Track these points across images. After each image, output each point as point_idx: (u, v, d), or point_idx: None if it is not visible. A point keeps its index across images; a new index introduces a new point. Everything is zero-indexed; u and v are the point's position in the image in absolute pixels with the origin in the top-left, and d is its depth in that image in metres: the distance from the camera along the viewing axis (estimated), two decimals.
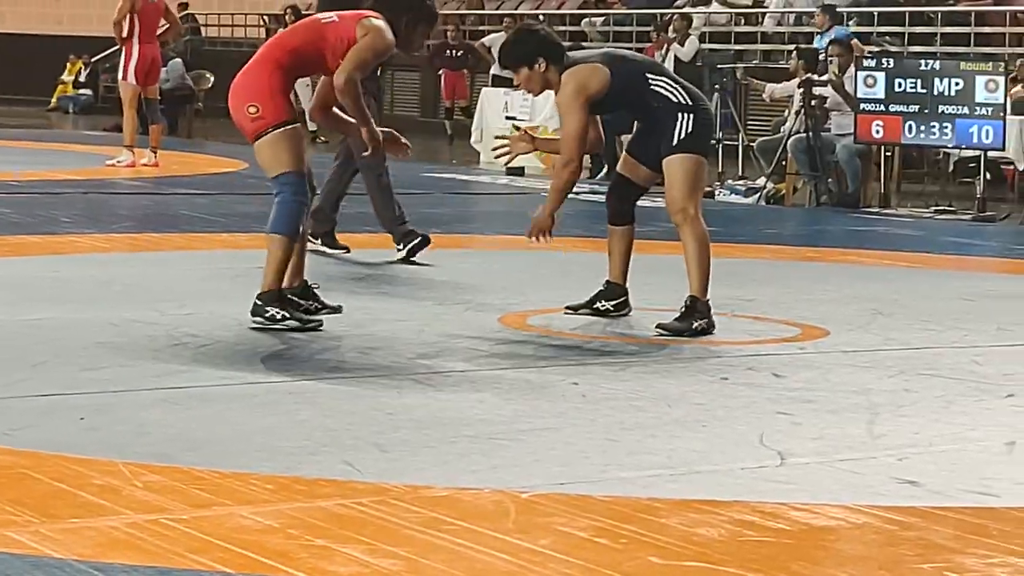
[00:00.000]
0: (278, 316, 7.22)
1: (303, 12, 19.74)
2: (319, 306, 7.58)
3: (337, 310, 7.63)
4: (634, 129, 7.98)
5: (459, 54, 24.84)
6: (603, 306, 7.88)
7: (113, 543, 4.10)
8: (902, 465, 5.19)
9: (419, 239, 10.07)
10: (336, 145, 10.20)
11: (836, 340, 7.55)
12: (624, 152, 7.97)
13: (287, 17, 21.15)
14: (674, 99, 7.70)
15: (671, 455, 5.24)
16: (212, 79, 24.07)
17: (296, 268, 7.52)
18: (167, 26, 17.12)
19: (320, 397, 5.98)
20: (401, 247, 10.04)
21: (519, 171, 17.95)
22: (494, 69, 20.51)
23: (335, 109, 7.63)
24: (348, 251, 10.13)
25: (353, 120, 7.57)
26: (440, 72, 25.09)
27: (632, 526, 4.39)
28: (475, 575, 3.95)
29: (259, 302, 7.27)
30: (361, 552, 4.08)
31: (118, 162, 16.65)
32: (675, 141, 7.64)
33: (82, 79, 30.95)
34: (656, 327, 7.55)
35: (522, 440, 5.38)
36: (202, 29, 31.43)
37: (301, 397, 5.97)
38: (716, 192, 15.62)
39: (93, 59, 30.02)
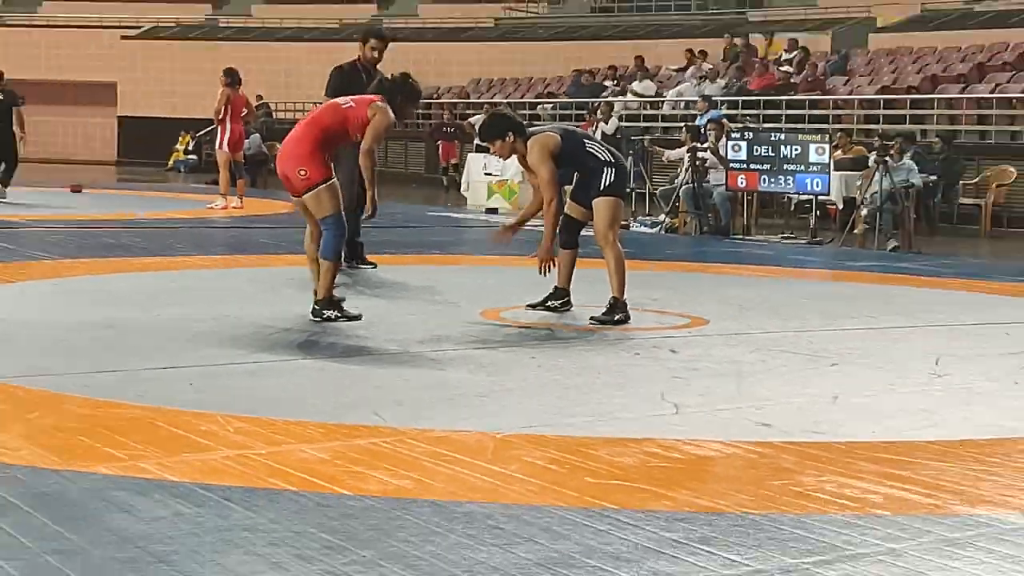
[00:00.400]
0: (332, 316, 7.22)
1: None
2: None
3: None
4: (574, 181, 7.99)
5: (451, 130, 25.18)
6: (553, 304, 7.89)
7: (213, 470, 4.11)
8: (760, 413, 5.22)
9: (369, 264, 10.05)
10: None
11: (714, 327, 7.58)
12: (569, 199, 8.00)
13: None
14: (602, 158, 7.74)
15: (600, 407, 5.26)
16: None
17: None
18: (248, 111, 17.19)
19: (356, 368, 5.99)
20: (353, 263, 9.92)
21: (495, 210, 17.98)
22: (476, 141, 20.52)
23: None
24: (375, 267, 10.11)
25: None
26: (438, 142, 25.51)
27: (574, 456, 4.41)
28: (465, 490, 3.96)
29: (317, 307, 7.26)
30: (385, 475, 4.10)
31: (215, 205, 16.66)
32: (601, 187, 7.68)
33: (190, 148, 30.90)
34: (590, 319, 7.58)
35: (496, 397, 5.40)
36: (273, 112, 31.38)
37: (343, 369, 5.99)
38: (631, 225, 15.64)
39: (198, 134, 29.94)
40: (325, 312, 7.24)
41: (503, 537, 3.52)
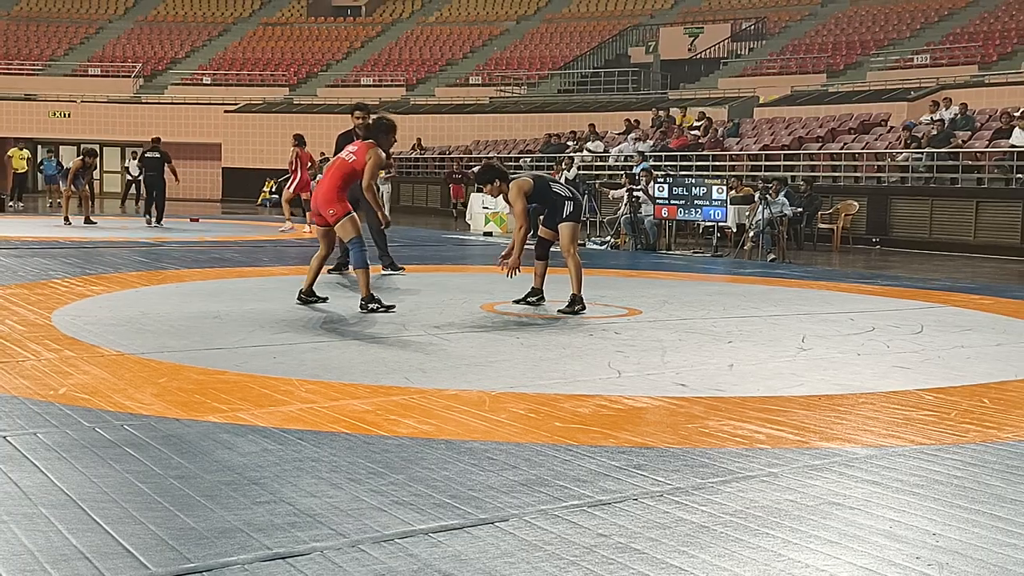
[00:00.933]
0: (374, 308, 7.29)
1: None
2: (317, 298, 7.69)
3: (323, 299, 7.73)
4: (545, 213, 8.02)
5: (459, 176, 25.17)
6: (531, 300, 7.94)
7: (290, 419, 4.09)
8: (678, 376, 5.22)
9: (398, 269, 10.03)
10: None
11: (645, 316, 7.57)
12: (541, 225, 8.05)
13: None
14: (563, 195, 7.78)
15: (565, 372, 5.25)
16: None
17: (312, 277, 7.68)
18: (312, 164, 17.20)
19: (391, 346, 5.97)
20: (387, 271, 9.98)
21: (489, 233, 17.94)
22: (476, 184, 20.53)
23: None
24: (403, 272, 10.07)
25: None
26: (450, 185, 25.45)
27: (546, 408, 4.41)
28: (468, 431, 3.95)
29: (363, 302, 7.32)
30: (414, 422, 4.09)
31: (284, 230, 16.84)
32: (564, 216, 7.71)
33: (273, 190, 30.75)
34: (558, 311, 7.57)
35: (492, 365, 5.39)
36: None
37: (382, 346, 5.96)
38: (586, 243, 15.66)
39: (278, 180, 29.81)
40: (369, 305, 7.29)
41: (496, 464, 3.52)
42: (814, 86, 27.10)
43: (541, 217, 8.05)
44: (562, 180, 16.84)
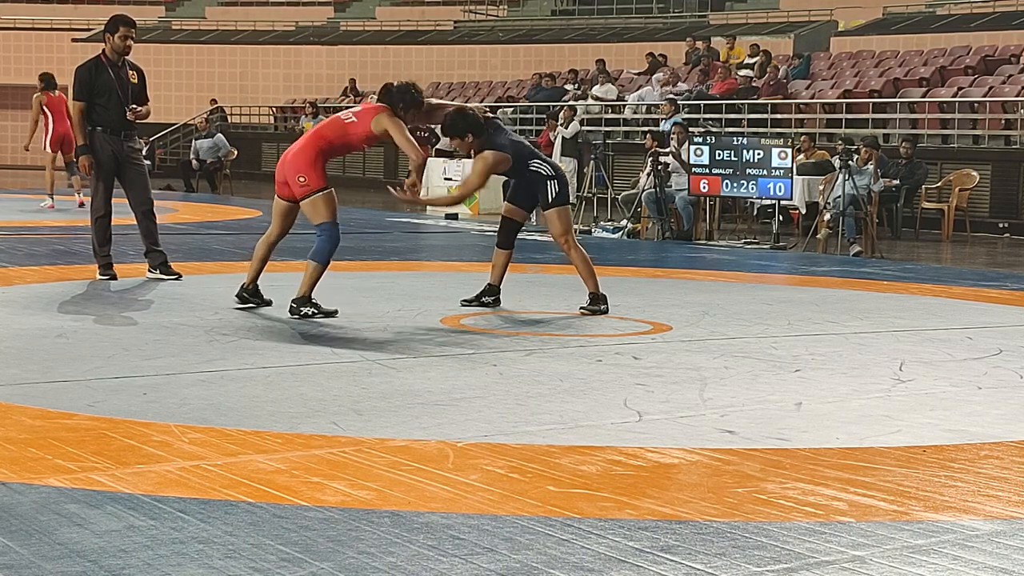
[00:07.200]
0: (310, 313, 7.64)
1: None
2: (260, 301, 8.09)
3: (269, 303, 8.04)
4: (512, 185, 8.41)
5: (425, 135, 24.87)
6: (486, 300, 8.31)
7: (167, 482, 4.08)
8: (723, 420, 5.23)
9: (174, 275, 9.55)
10: None
11: (677, 333, 7.59)
12: (508, 202, 8.41)
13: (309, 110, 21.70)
14: (544, 173, 8.13)
15: (562, 415, 5.26)
16: (235, 152, 23.86)
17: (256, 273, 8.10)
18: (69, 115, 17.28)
19: (313, 377, 5.96)
20: (157, 272, 9.61)
21: (454, 216, 17.97)
22: (441, 144, 20.48)
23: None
24: (179, 277, 9.54)
25: None
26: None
27: (535, 465, 4.41)
28: (425, 500, 3.95)
29: (295, 304, 7.68)
30: (344, 486, 4.08)
31: (43, 205, 17.19)
32: (550, 200, 8.14)
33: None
34: (580, 309, 8.20)
35: (457, 405, 5.39)
36: (228, 116, 31.24)
37: (299, 377, 5.95)
38: (592, 230, 15.71)
39: (151, 138, 29.75)
40: (303, 309, 7.63)
41: (464, 547, 3.51)
42: (916, 7, 27.30)
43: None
44: (557, 142, 16.83)
